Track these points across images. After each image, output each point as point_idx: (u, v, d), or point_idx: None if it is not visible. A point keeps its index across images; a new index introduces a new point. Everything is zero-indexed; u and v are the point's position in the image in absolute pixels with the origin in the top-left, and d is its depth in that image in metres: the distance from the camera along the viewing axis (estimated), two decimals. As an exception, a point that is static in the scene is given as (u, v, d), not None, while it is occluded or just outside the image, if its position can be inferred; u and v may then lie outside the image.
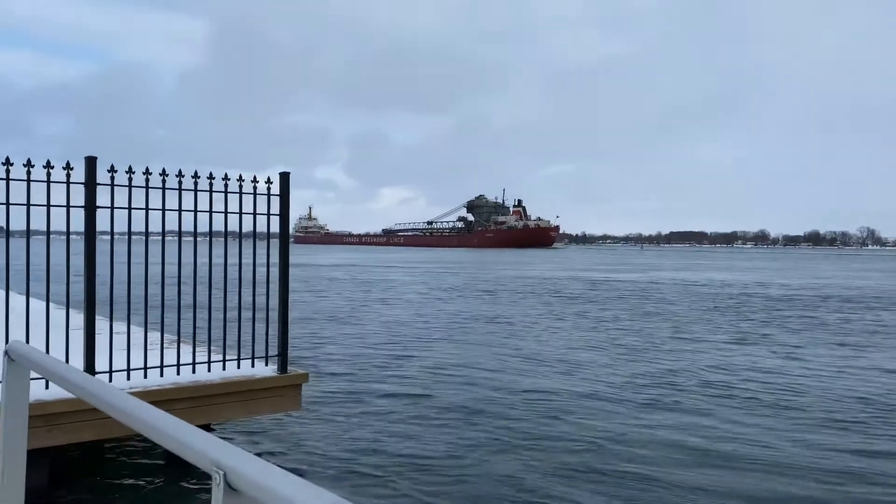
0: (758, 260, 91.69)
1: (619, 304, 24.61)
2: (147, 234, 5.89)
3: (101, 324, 6.16)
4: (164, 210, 5.90)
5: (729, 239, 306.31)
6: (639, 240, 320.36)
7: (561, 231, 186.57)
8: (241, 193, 6.28)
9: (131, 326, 6.05)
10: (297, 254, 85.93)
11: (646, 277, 43.29)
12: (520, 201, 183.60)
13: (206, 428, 7.32)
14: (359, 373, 11.54)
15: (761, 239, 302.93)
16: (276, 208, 6.44)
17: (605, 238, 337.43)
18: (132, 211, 5.77)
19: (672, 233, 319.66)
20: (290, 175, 6.41)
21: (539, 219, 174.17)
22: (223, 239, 6.23)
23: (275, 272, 6.47)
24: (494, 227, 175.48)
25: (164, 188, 5.86)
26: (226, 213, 6.21)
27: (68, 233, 5.52)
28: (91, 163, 5.64)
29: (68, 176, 5.44)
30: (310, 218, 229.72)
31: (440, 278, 39.89)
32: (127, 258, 5.70)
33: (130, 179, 5.72)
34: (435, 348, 14.36)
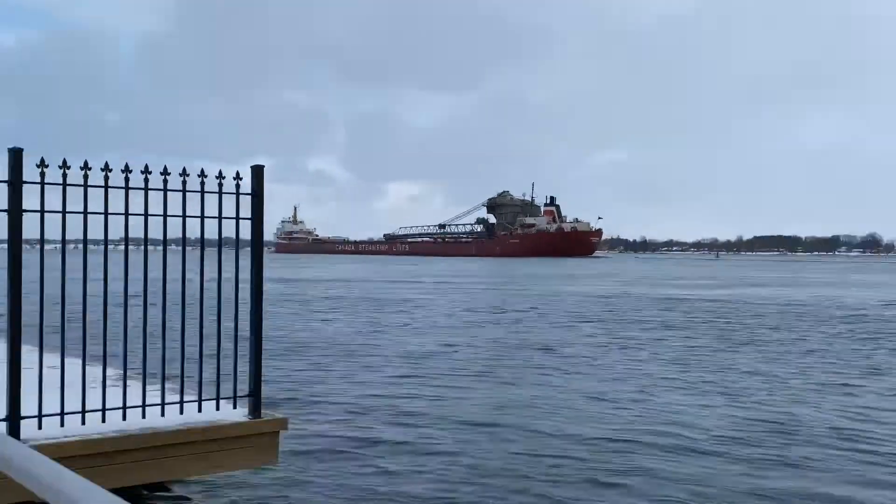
0: (872, 272, 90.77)
1: (707, 330, 24.39)
2: (86, 242, 5.95)
3: (30, 356, 6.21)
4: (106, 214, 5.96)
5: (830, 245, 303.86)
6: (714, 246, 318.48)
7: (605, 236, 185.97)
8: (203, 192, 6.34)
9: (66, 359, 6.10)
10: (277, 266, 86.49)
11: (733, 294, 43.04)
12: (552, 199, 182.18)
13: (161, 486, 7.37)
14: (358, 419, 11.57)
15: (871, 245, 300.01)
16: (248, 210, 6.49)
17: (670, 244, 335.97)
18: (67, 215, 5.84)
19: (756, 238, 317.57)
20: (270, 168, 6.47)
21: (576, 220, 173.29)
22: (181, 248, 6.29)
23: (248, 289, 6.51)
24: (521, 232, 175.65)
25: (106, 186, 5.92)
26: (184, 216, 6.26)
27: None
28: (16, 156, 5.71)
29: (-13, 172, 5.52)
30: (295, 221, 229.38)
31: (463, 295, 39.94)
32: (61, 273, 5.76)
33: (65, 176, 5.79)
34: (464, 388, 14.34)
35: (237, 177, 6.40)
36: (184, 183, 6.20)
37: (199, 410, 6.60)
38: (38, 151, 5.78)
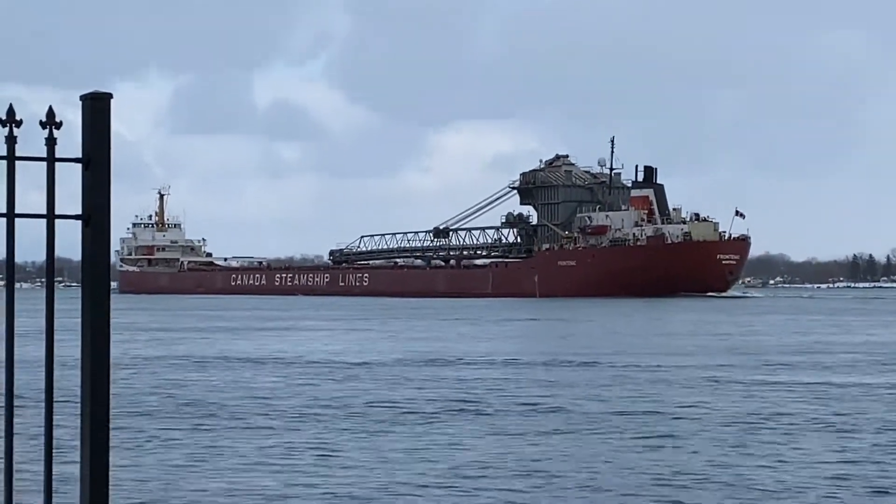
0: None
1: None
2: None
3: None
4: None
5: None
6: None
7: (755, 252, 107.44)
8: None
9: None
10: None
11: None
12: (649, 173, 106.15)
13: None
14: None
15: None
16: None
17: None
18: None
19: None
20: (112, 100, 2.88)
21: (695, 218, 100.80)
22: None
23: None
24: (582, 244, 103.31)
25: None
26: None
27: None
28: None
29: None
30: (161, 223, 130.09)
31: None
32: None
33: None
34: None
35: (50, 120, 2.85)
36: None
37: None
38: None
